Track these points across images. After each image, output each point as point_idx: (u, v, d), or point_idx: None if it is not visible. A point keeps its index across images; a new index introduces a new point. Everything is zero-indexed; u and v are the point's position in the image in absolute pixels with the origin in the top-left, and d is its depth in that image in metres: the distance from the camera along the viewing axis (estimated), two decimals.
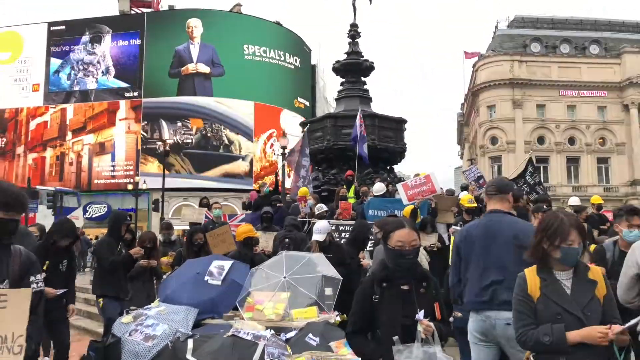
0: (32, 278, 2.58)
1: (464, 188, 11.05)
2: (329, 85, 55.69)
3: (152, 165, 38.25)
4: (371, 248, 5.96)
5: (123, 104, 40.26)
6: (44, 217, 22.83)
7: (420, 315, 2.72)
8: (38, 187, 30.35)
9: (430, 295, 2.92)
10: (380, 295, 2.87)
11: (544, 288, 2.52)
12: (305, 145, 11.63)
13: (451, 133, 63.34)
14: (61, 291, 4.94)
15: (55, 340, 5.16)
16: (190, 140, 39.13)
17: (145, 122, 39.33)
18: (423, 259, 5.65)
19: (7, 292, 2.35)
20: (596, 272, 2.58)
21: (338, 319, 3.79)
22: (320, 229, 5.76)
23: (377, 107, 14.99)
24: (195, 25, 40.12)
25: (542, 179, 11.84)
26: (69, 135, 41.39)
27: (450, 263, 4.05)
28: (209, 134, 39.36)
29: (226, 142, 39.51)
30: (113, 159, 39.84)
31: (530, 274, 2.61)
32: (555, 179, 40.73)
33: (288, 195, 12.46)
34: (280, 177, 14.39)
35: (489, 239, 3.45)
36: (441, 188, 8.85)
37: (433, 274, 3.27)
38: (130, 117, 39.97)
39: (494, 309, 3.28)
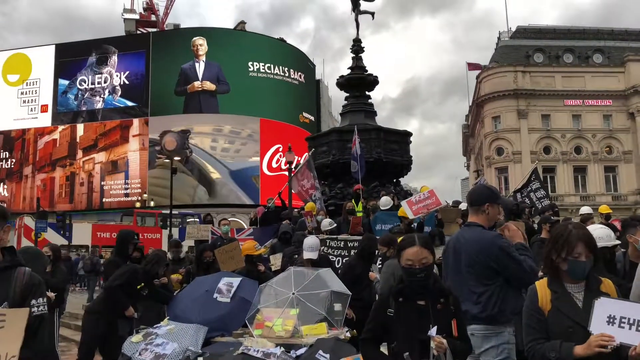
0: (33, 301, 2.55)
1: None
2: (334, 100, 56.06)
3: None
4: (380, 265, 5.90)
5: (136, 119, 40.42)
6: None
7: (432, 331, 2.70)
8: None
9: (448, 311, 2.89)
10: (395, 310, 2.86)
11: (555, 301, 2.48)
12: (311, 169, 11.61)
13: (457, 144, 63.26)
14: (137, 315, 5.16)
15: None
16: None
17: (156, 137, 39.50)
18: None
19: (5, 312, 2.35)
20: (609, 285, 2.53)
21: (348, 334, 3.78)
22: (312, 246, 5.37)
23: (381, 120, 15.03)
24: (201, 44, 40.59)
25: (548, 192, 11.75)
26: (80, 153, 41.43)
27: None
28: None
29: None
30: (127, 177, 39.80)
31: (541, 286, 2.57)
32: (562, 188, 40.49)
33: (295, 210, 12.47)
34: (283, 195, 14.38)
35: (456, 253, 3.49)
36: (446, 201, 8.83)
37: None
38: (145, 133, 40.15)
39: (468, 324, 3.26)
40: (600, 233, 3.79)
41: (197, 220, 26.60)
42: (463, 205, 9.48)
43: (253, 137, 40.52)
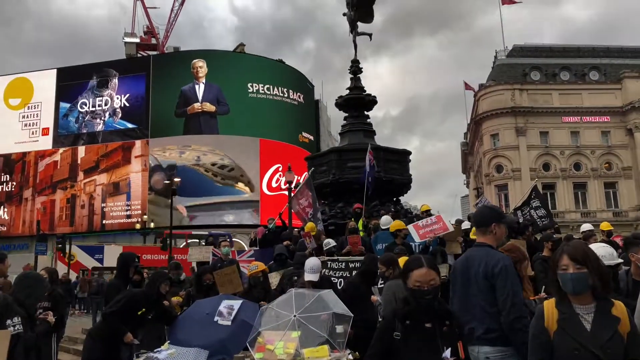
0: (8, 321, 2.61)
1: None
2: (333, 119, 56.38)
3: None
4: (381, 285, 5.85)
5: (139, 141, 40.57)
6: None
7: (447, 353, 2.69)
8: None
9: (454, 333, 2.89)
10: (402, 333, 2.84)
11: (562, 321, 2.46)
12: (310, 188, 11.65)
13: (457, 162, 63.40)
14: (136, 342, 4.94)
15: None
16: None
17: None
18: None
19: None
20: (620, 307, 2.47)
21: (350, 357, 3.74)
22: (313, 268, 5.28)
23: (383, 138, 15.12)
24: (200, 66, 41.01)
25: (549, 211, 11.69)
26: (81, 175, 41.45)
27: None
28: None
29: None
30: (128, 199, 39.76)
31: (549, 306, 2.56)
32: (562, 205, 40.46)
33: (295, 230, 12.45)
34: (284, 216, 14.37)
35: (465, 273, 3.47)
36: (452, 224, 8.80)
37: None
38: (147, 153, 40.27)
39: (474, 344, 3.27)
40: (603, 252, 3.78)
41: (228, 240, 26.60)
42: (466, 224, 9.48)
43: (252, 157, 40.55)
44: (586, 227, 9.67)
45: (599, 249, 3.81)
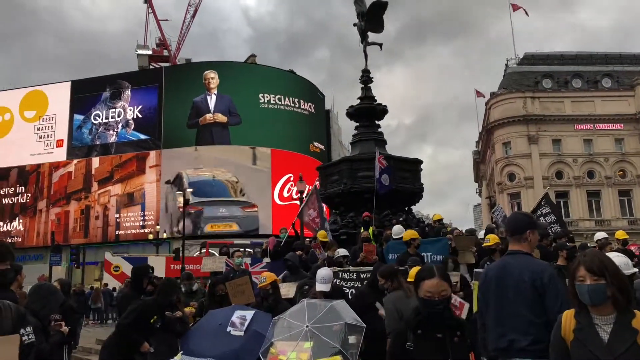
0: (22, 331, 2.69)
1: (490, 230, 10.83)
2: (344, 129, 56.49)
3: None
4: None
5: (153, 151, 40.83)
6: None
7: None
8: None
9: (465, 344, 2.87)
10: (414, 343, 2.84)
11: (578, 332, 2.44)
12: (318, 198, 11.66)
13: (470, 171, 63.06)
14: (152, 349, 5.02)
15: None
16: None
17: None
18: None
19: None
20: None
21: None
22: (324, 278, 5.23)
23: (396, 147, 15.11)
24: (212, 77, 41.37)
25: (561, 218, 11.58)
26: (95, 186, 41.77)
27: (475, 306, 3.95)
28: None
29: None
30: (143, 209, 39.94)
31: (567, 316, 2.54)
32: (576, 213, 39.99)
33: (307, 240, 12.45)
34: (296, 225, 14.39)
35: (503, 282, 3.32)
36: (463, 233, 8.73)
37: None
38: (161, 163, 40.48)
39: (513, 357, 3.13)
40: (618, 261, 3.73)
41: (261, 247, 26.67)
42: (599, 235, 9.40)
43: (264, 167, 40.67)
44: (600, 235, 9.56)
45: (614, 258, 3.77)
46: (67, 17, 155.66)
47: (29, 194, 43.29)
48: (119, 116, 42.54)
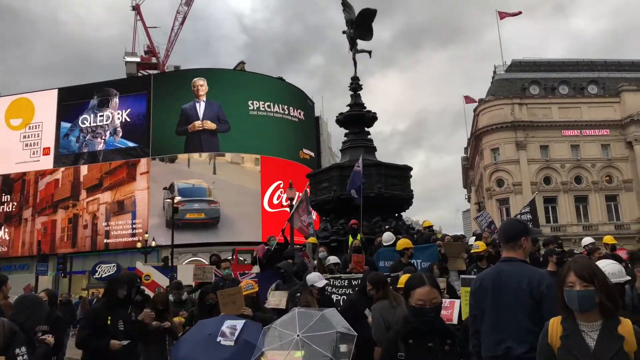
0: (17, 350, 2.64)
1: (478, 236, 10.93)
2: (333, 136, 56.60)
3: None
4: None
5: (144, 158, 40.47)
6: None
7: None
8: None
9: (456, 352, 2.86)
10: (406, 353, 2.82)
11: (564, 339, 2.45)
12: (308, 204, 11.65)
13: (457, 177, 63.46)
14: (125, 342, 4.89)
15: None
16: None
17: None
18: None
19: None
20: (627, 326, 2.44)
21: None
22: (318, 277, 5.78)
23: (389, 153, 15.14)
24: (201, 84, 41.26)
25: (536, 216, 11.73)
26: (83, 194, 41.21)
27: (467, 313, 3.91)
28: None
29: None
30: (134, 217, 39.50)
31: (554, 323, 2.56)
32: (564, 218, 40.38)
33: (297, 247, 12.41)
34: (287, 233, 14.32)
35: (500, 289, 3.30)
36: (450, 239, 8.75)
37: None
38: (150, 170, 40.11)
39: None
40: (612, 269, 3.76)
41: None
42: (586, 240, 9.46)
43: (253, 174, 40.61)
44: (587, 240, 9.63)
45: (608, 266, 3.79)
46: (62, 24, 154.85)
47: (14, 203, 42.63)
48: (106, 124, 42.18)
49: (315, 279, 5.89)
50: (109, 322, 5.01)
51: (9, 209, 42.59)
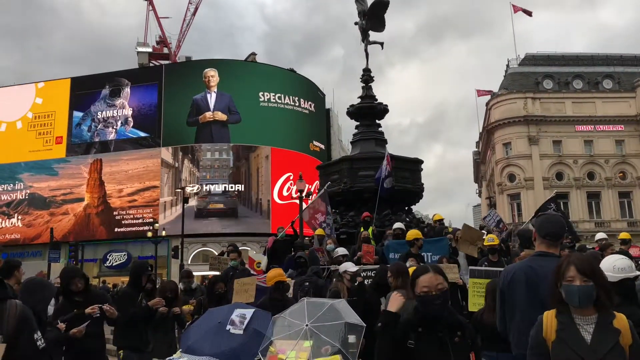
0: (35, 336, 2.62)
1: (488, 231, 10.88)
2: (344, 128, 56.48)
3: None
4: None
5: (163, 148, 40.69)
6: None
7: None
8: None
9: (466, 344, 2.85)
10: (416, 341, 2.82)
11: (560, 332, 2.45)
12: (326, 201, 11.59)
13: (469, 171, 63.10)
14: (84, 324, 4.82)
15: None
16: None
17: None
18: None
19: None
20: (622, 320, 2.45)
21: None
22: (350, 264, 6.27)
23: (406, 146, 15.08)
24: (212, 75, 41.29)
25: (568, 220, 11.63)
26: (100, 184, 41.44)
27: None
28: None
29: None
30: (145, 207, 39.87)
31: (549, 316, 2.55)
32: (576, 215, 39.98)
33: (307, 239, 12.41)
34: (297, 225, 14.34)
35: (536, 285, 3.19)
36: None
37: None
38: (168, 159, 40.51)
39: None
40: (622, 264, 3.69)
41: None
42: (599, 235, 9.45)
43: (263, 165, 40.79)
44: (601, 235, 9.54)
45: (618, 261, 3.72)
46: (83, 13, 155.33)
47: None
48: (117, 113, 42.43)
49: (349, 265, 6.35)
50: (76, 312, 4.95)
51: (22, 196, 43.09)
